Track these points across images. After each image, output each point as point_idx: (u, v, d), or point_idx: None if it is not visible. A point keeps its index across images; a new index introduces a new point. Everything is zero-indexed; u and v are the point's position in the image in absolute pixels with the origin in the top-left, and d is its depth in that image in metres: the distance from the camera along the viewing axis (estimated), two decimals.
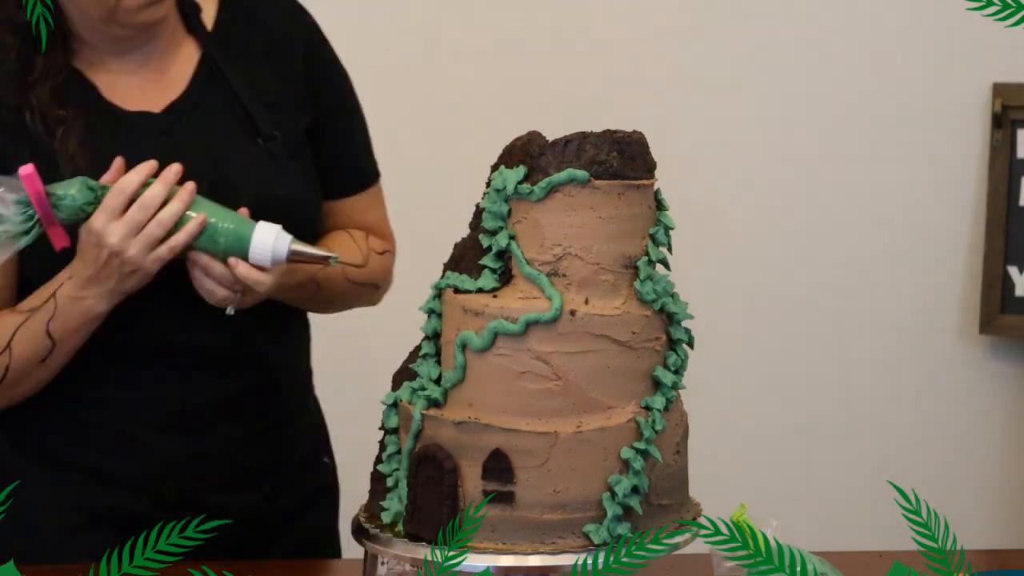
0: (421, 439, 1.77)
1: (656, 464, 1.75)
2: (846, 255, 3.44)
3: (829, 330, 3.46)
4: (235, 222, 1.95)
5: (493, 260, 1.77)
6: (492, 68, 3.36)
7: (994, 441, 3.49)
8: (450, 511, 1.73)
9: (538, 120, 1.93)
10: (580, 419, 1.73)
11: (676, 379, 1.79)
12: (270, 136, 2.08)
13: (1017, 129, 3.38)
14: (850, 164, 3.42)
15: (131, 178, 1.92)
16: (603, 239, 1.75)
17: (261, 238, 1.94)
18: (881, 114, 3.41)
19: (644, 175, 1.78)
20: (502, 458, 1.72)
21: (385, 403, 1.84)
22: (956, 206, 3.43)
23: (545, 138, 1.78)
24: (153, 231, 1.91)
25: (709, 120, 3.40)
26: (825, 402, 3.48)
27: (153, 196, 1.91)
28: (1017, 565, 2.03)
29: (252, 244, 1.94)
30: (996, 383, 3.47)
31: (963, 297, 3.45)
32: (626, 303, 1.75)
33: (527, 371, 1.73)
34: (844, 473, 3.48)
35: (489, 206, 1.78)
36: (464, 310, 1.76)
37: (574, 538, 1.74)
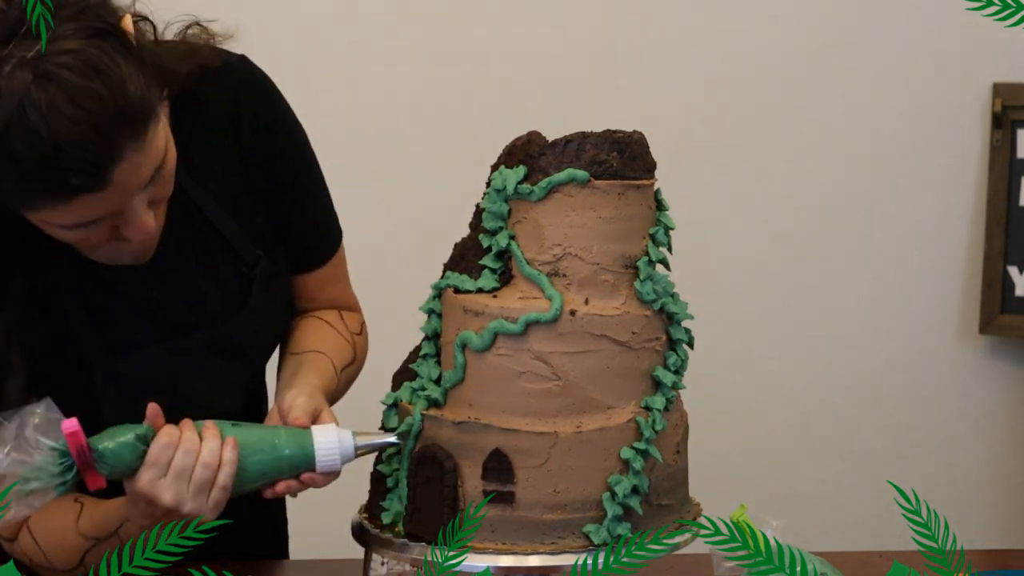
0: (421, 439, 1.77)
1: (656, 464, 1.75)
2: (846, 255, 3.44)
3: (829, 330, 3.46)
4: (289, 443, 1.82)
5: (493, 260, 1.77)
6: (492, 68, 3.36)
7: (994, 441, 3.49)
8: (450, 511, 1.73)
9: (538, 120, 1.93)
10: (580, 419, 1.73)
11: (676, 379, 1.79)
12: (255, 260, 1.97)
13: (1017, 129, 3.38)
14: (850, 164, 3.42)
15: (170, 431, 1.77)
16: (603, 239, 1.75)
17: (324, 449, 1.81)
18: (881, 114, 3.41)
19: (644, 175, 1.78)
20: (502, 458, 1.72)
21: (385, 403, 1.84)
22: (956, 206, 3.43)
23: (545, 138, 1.78)
24: (202, 476, 1.76)
25: (709, 120, 3.40)
26: (825, 402, 3.48)
27: (190, 440, 1.77)
28: (1017, 565, 2.03)
29: (317, 459, 1.81)
30: (996, 383, 3.47)
31: (963, 297, 3.45)
32: (626, 303, 1.75)
33: (527, 371, 1.73)
34: (844, 473, 3.48)
35: (489, 206, 1.78)
36: (464, 310, 1.76)
37: (574, 538, 1.74)
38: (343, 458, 1.82)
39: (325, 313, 2.09)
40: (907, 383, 3.47)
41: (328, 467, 1.81)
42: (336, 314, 2.10)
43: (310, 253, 2.08)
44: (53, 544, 1.90)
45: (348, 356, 2.06)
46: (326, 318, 2.09)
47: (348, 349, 2.07)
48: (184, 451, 1.76)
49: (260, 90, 2.00)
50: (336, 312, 2.10)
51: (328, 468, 1.81)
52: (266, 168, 1.99)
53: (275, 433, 1.82)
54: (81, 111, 1.64)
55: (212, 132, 1.96)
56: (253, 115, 1.98)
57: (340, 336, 2.07)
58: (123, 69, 1.68)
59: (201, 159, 1.95)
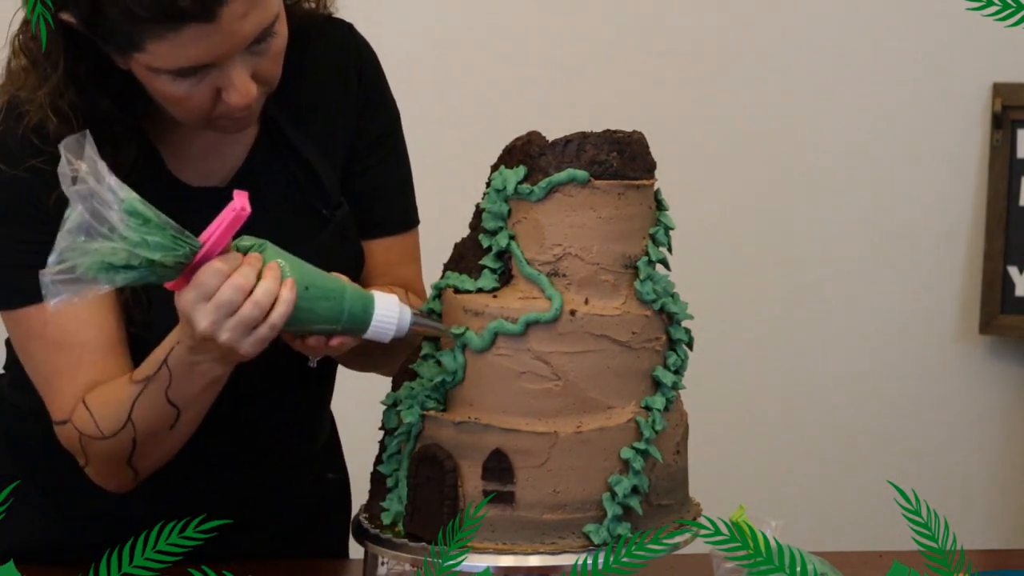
0: (421, 439, 1.77)
1: (656, 464, 1.75)
2: (846, 255, 3.44)
3: (829, 330, 3.46)
4: (352, 299, 1.76)
5: (493, 260, 1.77)
6: (492, 68, 3.36)
7: (994, 441, 3.49)
8: (450, 511, 1.73)
9: (538, 120, 1.93)
10: (580, 419, 1.73)
11: (676, 379, 1.79)
12: (338, 203, 2.00)
13: (1017, 129, 3.38)
14: (850, 164, 3.42)
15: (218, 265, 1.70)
16: (603, 239, 1.75)
17: (384, 314, 1.76)
18: (881, 114, 3.41)
19: (644, 175, 1.78)
20: (502, 458, 1.72)
21: (385, 403, 1.84)
22: (956, 206, 3.43)
23: (545, 138, 1.78)
24: (250, 313, 1.70)
25: (709, 120, 3.40)
26: (825, 402, 3.48)
27: (244, 275, 1.69)
28: (1017, 565, 2.03)
29: (373, 323, 1.76)
30: (996, 383, 3.48)
31: (963, 297, 3.45)
32: (626, 303, 1.75)
33: (527, 371, 1.73)
34: (844, 473, 3.49)
35: (489, 206, 1.78)
36: (464, 310, 1.76)
37: (574, 538, 1.74)
38: (399, 329, 1.76)
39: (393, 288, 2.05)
40: (907, 383, 3.47)
41: (380, 333, 1.76)
42: (399, 290, 2.06)
43: (389, 217, 2.08)
44: (106, 404, 1.86)
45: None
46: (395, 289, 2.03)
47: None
48: (233, 286, 1.70)
49: (368, 52, 2.08)
50: (400, 289, 2.07)
51: (379, 334, 1.76)
52: (364, 120, 2.04)
53: (342, 286, 1.76)
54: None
55: (317, 78, 2.01)
56: (360, 71, 2.04)
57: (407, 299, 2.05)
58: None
59: (301, 98, 1.99)
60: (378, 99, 2.07)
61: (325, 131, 2.01)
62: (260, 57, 1.81)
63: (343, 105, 2.03)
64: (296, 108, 1.99)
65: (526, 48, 3.37)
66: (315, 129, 2.01)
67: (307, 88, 2.01)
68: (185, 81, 1.79)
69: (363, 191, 2.05)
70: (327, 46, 2.03)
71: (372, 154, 2.05)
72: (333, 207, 2.00)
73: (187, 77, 1.78)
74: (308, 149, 1.99)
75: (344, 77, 2.03)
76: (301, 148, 1.99)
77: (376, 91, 2.07)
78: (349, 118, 2.03)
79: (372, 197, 2.06)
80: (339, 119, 2.03)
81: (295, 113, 1.99)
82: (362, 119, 2.04)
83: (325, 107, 2.02)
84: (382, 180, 2.07)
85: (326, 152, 2.01)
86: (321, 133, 2.01)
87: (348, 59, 2.04)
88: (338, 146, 2.03)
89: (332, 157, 2.02)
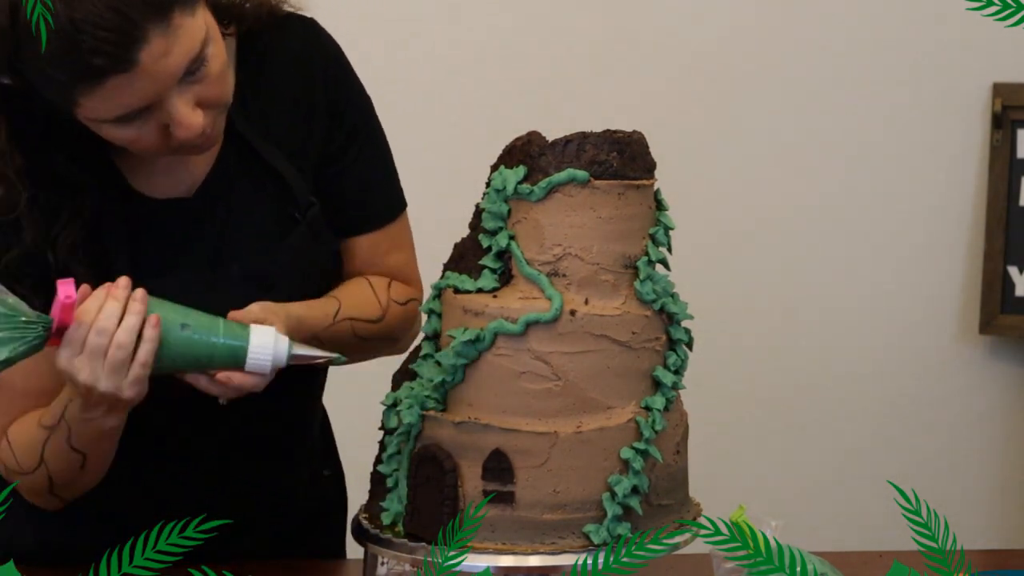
0: (421, 439, 1.77)
1: (656, 464, 1.75)
2: (846, 255, 3.44)
3: (829, 330, 3.46)
4: (226, 334, 1.81)
5: (493, 260, 1.77)
6: (492, 68, 3.36)
7: (994, 441, 3.49)
8: (450, 511, 1.73)
9: (538, 120, 1.93)
10: (580, 419, 1.73)
11: (676, 379, 1.79)
12: (308, 204, 1.99)
13: (1017, 129, 3.38)
14: (850, 164, 3.42)
15: (89, 306, 1.77)
16: (603, 239, 1.75)
17: (258, 347, 1.80)
18: (881, 114, 3.41)
19: (644, 175, 1.78)
20: (502, 458, 1.72)
21: (385, 403, 1.84)
22: (956, 206, 3.43)
23: (545, 138, 1.78)
24: (116, 356, 1.76)
25: (709, 120, 3.40)
26: (825, 402, 3.48)
27: (107, 317, 1.76)
28: (1017, 565, 2.03)
29: (249, 355, 1.80)
30: (996, 383, 3.47)
31: (963, 297, 3.45)
32: (626, 303, 1.75)
33: (527, 371, 1.73)
34: (844, 473, 3.49)
35: (489, 206, 1.78)
36: (464, 310, 1.76)
37: (574, 538, 1.74)
38: (275, 361, 1.81)
39: (375, 277, 2.07)
40: (907, 383, 3.47)
41: (258, 366, 1.80)
42: (384, 279, 2.07)
43: (372, 212, 2.07)
44: (21, 444, 1.93)
45: (368, 312, 2.03)
46: (371, 279, 2.06)
47: (373, 307, 2.03)
48: (97, 331, 1.76)
49: (331, 46, 2.05)
50: (386, 278, 2.07)
51: (257, 367, 1.80)
52: (336, 119, 2.02)
53: (213, 321, 1.81)
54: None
55: (279, 78, 1.99)
56: (324, 67, 2.02)
57: (371, 293, 2.05)
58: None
59: (264, 102, 1.98)
60: (346, 96, 2.04)
61: (291, 134, 1.99)
62: (199, 84, 1.80)
63: (309, 106, 2.01)
64: (260, 114, 1.98)
65: (526, 48, 3.37)
66: (281, 132, 1.99)
67: (270, 92, 1.99)
68: (130, 126, 1.79)
69: (342, 189, 2.03)
70: (289, 47, 2.01)
71: (346, 152, 2.03)
72: (303, 209, 1.99)
73: (130, 122, 1.78)
74: (274, 154, 1.98)
75: (308, 77, 2.01)
76: (266, 154, 1.97)
77: (343, 88, 2.04)
78: (317, 119, 2.01)
79: (352, 194, 2.05)
80: (306, 121, 2.01)
81: (260, 119, 1.98)
82: (332, 118, 2.02)
83: (290, 110, 2.00)
84: (360, 176, 2.05)
85: (293, 154, 1.99)
86: (288, 137, 1.99)
87: (312, 58, 2.02)
88: (307, 148, 2.01)
89: (300, 159, 2.00)
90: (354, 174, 2.04)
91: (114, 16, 1.69)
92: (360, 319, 2.01)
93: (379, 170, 2.08)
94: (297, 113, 2.00)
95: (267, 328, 1.82)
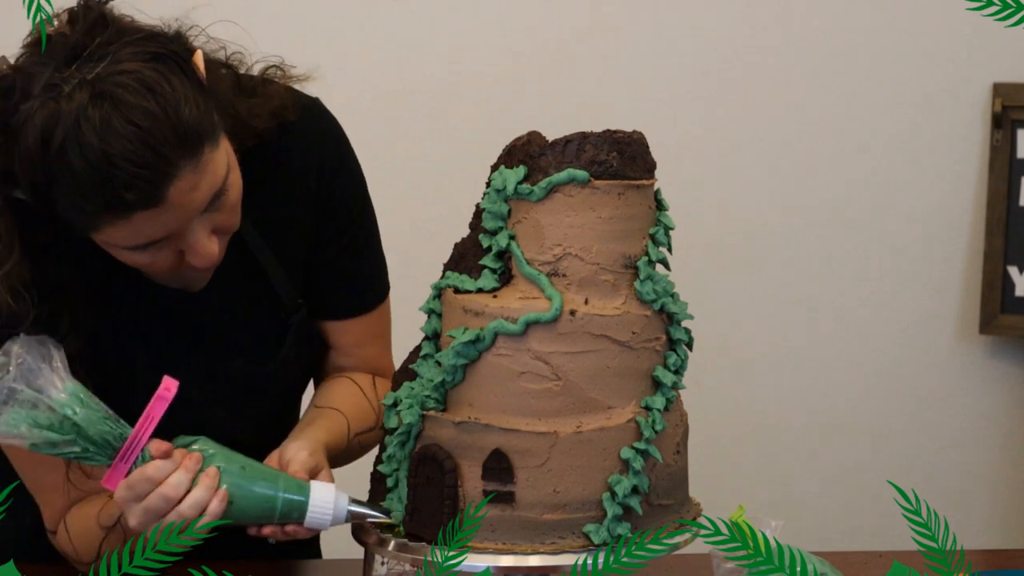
0: (421, 439, 1.77)
1: (656, 464, 1.75)
2: (846, 255, 3.44)
3: (829, 330, 3.46)
4: (288, 489, 1.83)
5: (493, 260, 1.77)
6: (492, 68, 3.36)
7: (994, 441, 3.49)
8: (450, 511, 1.73)
9: (538, 120, 1.93)
10: (580, 419, 1.73)
11: (676, 379, 1.79)
12: (294, 308, 2.01)
13: (1017, 129, 3.38)
14: (850, 164, 3.42)
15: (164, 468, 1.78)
16: (603, 239, 1.75)
17: (319, 506, 1.83)
18: (881, 114, 3.41)
19: (644, 175, 1.78)
20: (502, 458, 1.72)
21: (385, 403, 1.84)
22: (956, 206, 3.43)
23: (545, 138, 1.78)
24: (173, 520, 1.77)
25: (709, 120, 3.40)
26: (825, 402, 3.48)
27: (175, 486, 1.78)
28: (1017, 565, 2.03)
29: (309, 512, 1.83)
30: (996, 383, 3.47)
31: (963, 297, 3.45)
32: (626, 303, 1.75)
33: (527, 371, 1.73)
34: (844, 473, 3.48)
35: (489, 206, 1.78)
36: (464, 310, 1.76)
37: (574, 538, 1.73)
38: (334, 519, 1.84)
39: (359, 376, 2.10)
40: (907, 383, 3.47)
41: (317, 524, 1.84)
42: (370, 379, 2.10)
43: (355, 299, 2.09)
44: (80, 535, 1.93)
45: (369, 423, 2.07)
46: (358, 381, 2.10)
47: (371, 416, 2.07)
48: (160, 496, 1.78)
49: (331, 140, 2.05)
50: (371, 377, 2.11)
51: (317, 525, 1.84)
52: (326, 211, 2.03)
53: (276, 479, 1.84)
54: (133, 127, 1.69)
55: (280, 180, 2.00)
56: (320, 165, 2.02)
57: (366, 401, 2.08)
58: (178, 90, 1.73)
59: (265, 204, 1.98)
60: (340, 187, 2.05)
61: (284, 235, 2.01)
62: (218, 212, 1.81)
63: (303, 206, 2.02)
64: (258, 213, 1.98)
65: (526, 48, 3.37)
66: (273, 232, 2.00)
67: (267, 192, 1.99)
68: (146, 251, 1.80)
69: (329, 278, 2.06)
70: (292, 148, 2.01)
71: (335, 243, 2.05)
72: (290, 312, 2.01)
73: (147, 248, 1.80)
74: (267, 257, 2.00)
75: (304, 174, 2.02)
76: (260, 256, 1.99)
77: (338, 179, 2.04)
78: (309, 217, 2.03)
79: (337, 282, 2.07)
80: (298, 221, 2.02)
81: (255, 217, 1.98)
82: (323, 210, 2.03)
83: (285, 207, 2.01)
84: (348, 266, 2.07)
85: (283, 255, 2.01)
86: (279, 237, 2.01)
87: (310, 156, 2.02)
88: (297, 247, 2.02)
89: (289, 262, 2.02)
90: (341, 264, 2.06)
91: (148, 153, 1.70)
92: (363, 431, 2.06)
93: (366, 259, 2.10)
94: (294, 214, 2.02)
95: (328, 485, 1.85)
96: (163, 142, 1.71)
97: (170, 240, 1.80)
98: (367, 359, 2.12)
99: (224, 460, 1.82)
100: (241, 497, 1.81)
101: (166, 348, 1.97)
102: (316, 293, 2.05)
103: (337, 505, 1.83)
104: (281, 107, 1.97)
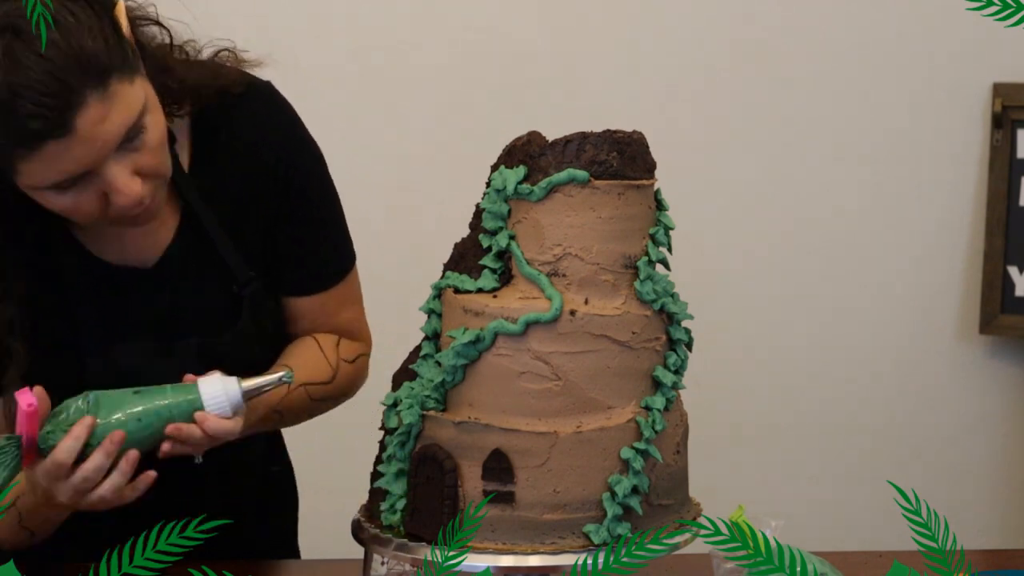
0: (421, 439, 1.77)
1: (656, 464, 1.75)
2: (846, 255, 3.44)
3: (829, 330, 3.46)
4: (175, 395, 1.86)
5: (493, 260, 1.77)
6: (492, 68, 3.36)
7: (994, 441, 3.49)
8: (450, 511, 1.73)
9: (538, 120, 1.93)
10: (580, 419, 1.73)
11: (676, 379, 1.79)
12: (246, 281, 2.01)
13: (1017, 129, 3.38)
14: (850, 164, 3.42)
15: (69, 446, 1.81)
16: (603, 239, 1.75)
17: (212, 396, 1.86)
18: (881, 114, 3.41)
19: (644, 175, 1.78)
20: (502, 458, 1.72)
21: (385, 403, 1.84)
22: (956, 206, 3.43)
23: (545, 138, 1.78)
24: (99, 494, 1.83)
25: (709, 120, 3.40)
26: (825, 402, 3.48)
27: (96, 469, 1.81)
28: (1017, 565, 2.03)
29: (204, 404, 1.86)
30: (996, 383, 3.47)
31: (963, 297, 3.45)
32: (626, 303, 1.75)
33: (527, 371, 1.73)
34: (844, 473, 3.49)
35: (489, 206, 1.78)
36: (464, 310, 1.76)
37: (574, 538, 1.74)
38: (232, 404, 1.86)
39: (323, 336, 2.11)
40: (907, 383, 3.47)
41: (219, 412, 1.86)
42: (332, 338, 2.11)
43: (317, 275, 2.10)
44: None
45: (320, 375, 2.07)
46: (318, 338, 2.11)
47: (324, 370, 2.08)
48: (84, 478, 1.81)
49: (284, 118, 2.05)
50: (334, 336, 2.11)
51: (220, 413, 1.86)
52: (282, 190, 2.03)
53: (163, 392, 1.86)
54: (36, 57, 1.71)
55: (230, 155, 2.01)
56: (274, 142, 2.03)
57: (320, 355, 2.09)
58: (82, 21, 1.74)
59: (215, 179, 1.99)
60: (295, 162, 2.05)
61: (236, 210, 2.02)
62: (137, 153, 1.81)
63: (259, 182, 2.02)
64: (211, 190, 1.99)
65: (526, 48, 3.37)
66: (226, 206, 2.01)
67: (221, 168, 2.00)
68: (67, 193, 1.81)
69: (290, 252, 2.06)
70: (241, 121, 2.02)
71: (294, 220, 2.05)
72: (242, 285, 2.01)
73: (68, 189, 1.80)
74: (213, 228, 2.00)
75: (257, 150, 2.02)
76: (212, 231, 2.00)
77: (293, 154, 2.05)
78: (265, 186, 2.03)
79: (300, 256, 2.07)
80: (253, 198, 2.03)
81: (210, 195, 1.99)
82: (279, 184, 2.03)
83: (239, 183, 2.02)
84: (308, 242, 2.08)
85: (235, 230, 2.01)
86: (232, 213, 2.01)
87: (262, 129, 2.03)
88: (252, 223, 2.03)
89: (242, 236, 2.02)
90: (302, 240, 2.07)
91: (52, 81, 1.72)
92: (313, 383, 2.06)
93: (328, 232, 2.11)
94: (247, 189, 2.02)
95: (212, 376, 1.87)
96: (65, 70, 1.72)
97: (90, 179, 1.80)
98: (340, 325, 2.12)
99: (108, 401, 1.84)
100: (135, 420, 1.84)
101: (120, 324, 1.97)
102: (281, 269, 2.06)
103: (228, 390, 1.86)
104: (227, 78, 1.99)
